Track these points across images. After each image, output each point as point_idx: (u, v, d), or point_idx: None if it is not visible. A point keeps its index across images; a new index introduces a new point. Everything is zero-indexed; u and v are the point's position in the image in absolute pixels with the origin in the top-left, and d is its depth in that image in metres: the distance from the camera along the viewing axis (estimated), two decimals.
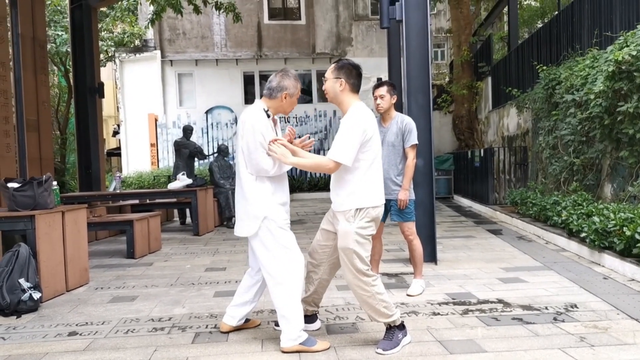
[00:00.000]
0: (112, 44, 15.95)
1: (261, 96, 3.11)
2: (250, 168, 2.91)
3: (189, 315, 3.67)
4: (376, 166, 2.93)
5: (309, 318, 3.23)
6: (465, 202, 11.22)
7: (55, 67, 16.25)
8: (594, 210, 5.41)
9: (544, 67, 8.05)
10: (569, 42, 8.22)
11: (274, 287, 2.93)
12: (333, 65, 2.99)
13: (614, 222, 4.74)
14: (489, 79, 12.78)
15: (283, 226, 2.94)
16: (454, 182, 12.81)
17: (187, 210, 8.85)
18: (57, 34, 14.17)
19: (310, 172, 14.69)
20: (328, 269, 3.16)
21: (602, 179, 6.56)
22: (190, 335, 3.24)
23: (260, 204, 2.91)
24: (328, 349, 2.91)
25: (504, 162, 10.21)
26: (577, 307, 3.59)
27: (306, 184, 14.97)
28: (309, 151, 3.13)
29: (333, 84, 2.94)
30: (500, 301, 3.79)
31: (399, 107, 4.83)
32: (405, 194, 4.09)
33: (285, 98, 2.99)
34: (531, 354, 2.78)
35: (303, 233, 7.41)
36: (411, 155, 4.13)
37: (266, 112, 2.97)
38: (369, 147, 2.86)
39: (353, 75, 2.95)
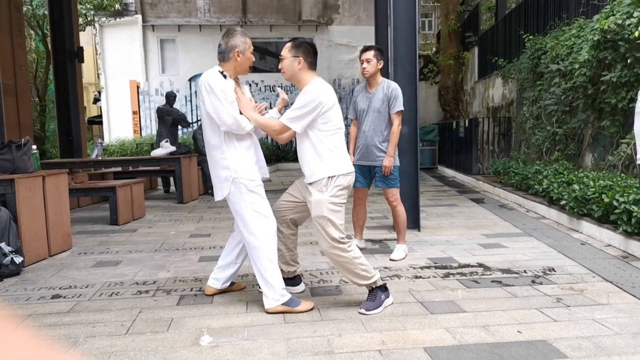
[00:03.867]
0: (92, 7, 15.40)
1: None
2: (223, 126, 2.90)
3: (173, 279, 3.69)
4: (340, 136, 2.99)
5: (293, 280, 3.27)
6: (449, 172, 11.32)
7: (32, 32, 15.70)
8: (574, 178, 5.50)
9: (531, 37, 8.03)
10: (556, 12, 8.19)
11: (250, 250, 2.97)
12: (289, 44, 2.98)
13: (593, 189, 4.83)
14: (476, 49, 12.72)
15: (253, 189, 2.93)
16: (438, 153, 12.89)
17: (171, 179, 8.79)
18: None
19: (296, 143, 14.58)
20: (291, 224, 3.18)
21: (583, 148, 6.65)
22: (175, 297, 3.26)
23: (228, 166, 2.93)
24: (312, 309, 2.95)
25: (488, 132, 10.27)
26: (555, 271, 3.69)
27: (291, 153, 14.90)
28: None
29: (291, 62, 2.94)
30: (480, 265, 3.88)
31: (385, 76, 4.79)
32: (390, 160, 4.10)
33: (238, 56, 2.98)
34: (509, 313, 2.86)
35: None
36: (397, 121, 4.12)
37: (222, 73, 2.96)
38: (328, 117, 2.90)
39: (310, 53, 2.97)
